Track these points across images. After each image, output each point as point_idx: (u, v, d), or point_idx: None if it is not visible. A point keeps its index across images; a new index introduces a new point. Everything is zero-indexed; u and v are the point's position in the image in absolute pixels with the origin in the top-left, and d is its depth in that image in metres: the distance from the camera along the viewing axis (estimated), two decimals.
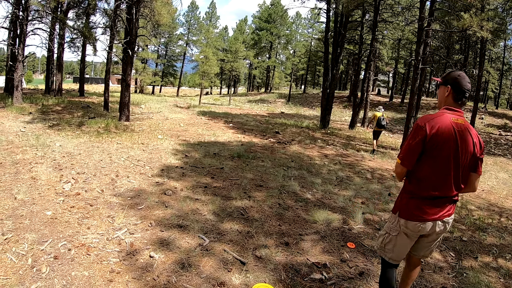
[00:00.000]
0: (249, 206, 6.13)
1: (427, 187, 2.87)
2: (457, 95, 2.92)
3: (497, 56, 45.57)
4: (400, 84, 58.93)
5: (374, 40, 24.07)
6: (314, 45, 56.01)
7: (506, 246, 5.76)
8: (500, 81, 45.30)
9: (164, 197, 6.22)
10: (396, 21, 25.67)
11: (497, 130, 27.17)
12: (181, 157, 9.59)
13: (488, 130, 27.21)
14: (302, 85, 72.27)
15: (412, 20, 22.55)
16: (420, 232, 2.95)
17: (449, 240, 5.71)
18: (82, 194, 6.13)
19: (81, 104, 20.54)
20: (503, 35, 35.18)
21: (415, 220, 2.90)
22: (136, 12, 15.04)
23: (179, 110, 23.97)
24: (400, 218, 2.99)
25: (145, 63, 51.49)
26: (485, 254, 5.31)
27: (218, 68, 42.13)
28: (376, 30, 23.94)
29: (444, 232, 3.05)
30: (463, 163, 2.86)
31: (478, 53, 34.93)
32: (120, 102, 15.94)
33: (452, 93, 2.92)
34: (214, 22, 65.96)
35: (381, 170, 11.46)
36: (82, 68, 29.12)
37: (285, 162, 10.56)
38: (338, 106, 40.05)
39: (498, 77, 44.72)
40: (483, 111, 33.58)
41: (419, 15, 17.24)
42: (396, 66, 44.65)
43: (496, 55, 45.22)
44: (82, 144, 10.37)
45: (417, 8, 19.12)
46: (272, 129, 18.50)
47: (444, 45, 34.89)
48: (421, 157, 2.86)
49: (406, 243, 3.06)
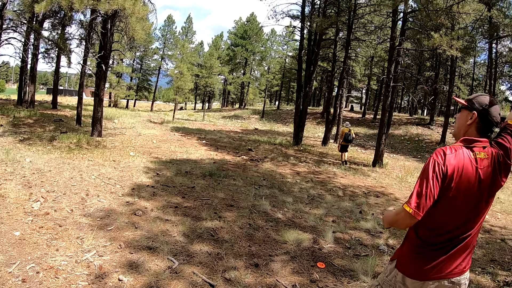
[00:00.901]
0: (219, 226, 6.18)
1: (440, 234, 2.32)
2: (484, 127, 2.33)
3: (467, 73, 47.21)
4: (373, 100, 59.94)
5: (347, 58, 24.56)
6: (289, 62, 56.70)
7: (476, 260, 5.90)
8: None
9: (134, 217, 6.23)
10: (369, 39, 26.27)
11: None
12: (152, 176, 9.58)
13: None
14: (276, 101, 72.76)
15: (384, 39, 23.15)
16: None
17: None
18: (51, 213, 6.08)
19: (54, 117, 20.25)
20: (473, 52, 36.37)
21: (416, 278, 2.36)
22: (111, 27, 15.02)
23: (153, 126, 23.87)
24: (398, 272, 2.44)
25: (119, 77, 51.11)
26: None
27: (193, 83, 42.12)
28: (349, 48, 24.45)
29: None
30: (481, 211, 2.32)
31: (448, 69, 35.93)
32: (92, 117, 15.82)
33: (478, 122, 2.34)
34: (190, 37, 66.02)
35: (353, 187, 11.62)
36: (56, 80, 28.67)
37: (257, 180, 10.64)
38: (312, 122, 40.44)
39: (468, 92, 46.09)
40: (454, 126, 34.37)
41: (391, 35, 17.70)
42: (369, 83, 45.59)
43: (466, 71, 46.82)
44: (53, 160, 10.24)
45: (389, 28, 19.63)
46: (245, 146, 18.60)
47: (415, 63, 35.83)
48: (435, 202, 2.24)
49: None
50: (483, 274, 5.37)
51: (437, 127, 33.66)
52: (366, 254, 5.68)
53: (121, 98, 54.10)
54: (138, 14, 13.55)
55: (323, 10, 22.71)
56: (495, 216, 9.82)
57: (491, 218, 9.53)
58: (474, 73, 46.67)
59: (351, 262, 5.26)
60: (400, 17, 18.24)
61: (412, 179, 14.84)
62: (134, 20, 14.57)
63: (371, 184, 12.75)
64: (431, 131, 32.62)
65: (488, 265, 5.79)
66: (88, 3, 12.03)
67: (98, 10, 13.52)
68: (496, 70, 36.93)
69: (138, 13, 13.45)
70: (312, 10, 22.97)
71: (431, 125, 34.62)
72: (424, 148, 27.26)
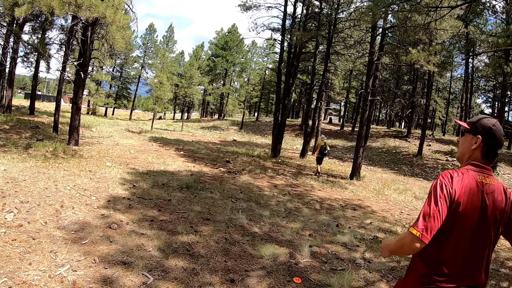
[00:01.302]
0: (195, 241, 6.14)
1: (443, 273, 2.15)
2: (489, 150, 2.27)
3: (443, 86, 48.50)
4: (351, 112, 60.65)
5: (327, 71, 24.85)
6: (269, 74, 57.00)
7: None
8: (446, 110, 48.10)
9: (109, 231, 6.14)
10: (348, 53, 26.68)
11: (444, 155, 28.40)
12: (128, 187, 9.48)
13: (436, 156, 28.38)
14: (255, 113, 72.97)
15: (363, 53, 23.51)
16: None
17: (396, 270, 5.78)
18: (24, 225, 5.94)
19: (31, 123, 19.94)
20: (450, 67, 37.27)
21: None
22: (91, 34, 14.88)
23: (131, 135, 23.70)
24: None
25: (98, 85, 50.65)
26: None
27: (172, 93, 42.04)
28: (329, 61, 24.76)
29: None
30: (492, 237, 2.19)
31: (425, 83, 36.79)
32: (70, 126, 15.60)
33: (483, 147, 2.27)
34: (171, 47, 65.86)
35: (330, 200, 11.71)
36: (34, 85, 28.27)
37: (234, 193, 10.63)
38: (290, 134, 40.64)
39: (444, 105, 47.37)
40: (431, 138, 35.04)
41: (369, 49, 18.00)
42: (347, 96, 46.20)
43: (442, 85, 48.14)
44: (28, 169, 10.04)
45: (368, 42, 19.93)
46: (223, 157, 18.58)
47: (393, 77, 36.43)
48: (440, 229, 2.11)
49: None
50: None
51: (414, 139, 34.21)
52: (343, 268, 5.71)
53: (99, 106, 53.62)
54: (119, 23, 13.48)
55: (303, 23, 22.97)
56: None
57: None
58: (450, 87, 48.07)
59: (328, 277, 5.28)
60: (379, 32, 18.56)
61: (389, 191, 15.05)
62: (114, 29, 14.50)
63: (349, 197, 12.86)
64: (408, 144, 33.10)
65: None
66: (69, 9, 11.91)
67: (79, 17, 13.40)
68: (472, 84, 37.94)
69: (119, 22, 13.38)
70: (293, 24, 23.21)
71: (408, 137, 35.17)
72: (401, 161, 27.62)
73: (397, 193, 15.06)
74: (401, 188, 16.35)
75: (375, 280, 5.48)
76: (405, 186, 17.00)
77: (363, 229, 8.54)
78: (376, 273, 5.70)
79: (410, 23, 15.42)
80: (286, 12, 22.53)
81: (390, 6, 12.93)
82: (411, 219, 10.49)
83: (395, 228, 8.88)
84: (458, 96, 51.61)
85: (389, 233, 8.39)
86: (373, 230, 8.47)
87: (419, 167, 25.26)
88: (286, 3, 22.46)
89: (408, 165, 25.78)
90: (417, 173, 23.54)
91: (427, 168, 24.83)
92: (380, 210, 11.27)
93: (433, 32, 16.43)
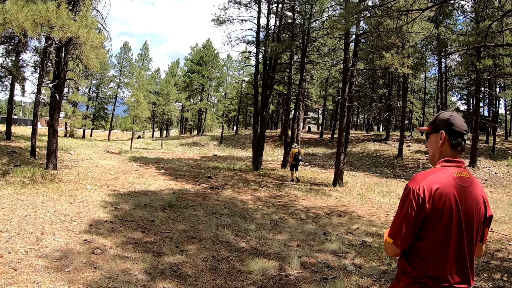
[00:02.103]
0: (182, 261, 6.02)
1: (433, 273, 2.15)
2: (455, 139, 2.31)
3: (418, 87, 49.57)
4: (329, 120, 61.08)
5: (303, 80, 25.04)
6: (245, 86, 57.22)
7: None
8: (423, 110, 49.18)
9: (93, 256, 5.97)
10: (323, 61, 26.89)
11: (424, 155, 28.77)
12: (110, 210, 9.29)
13: (416, 156, 28.72)
14: (234, 126, 73.05)
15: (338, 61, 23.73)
16: None
17: (387, 273, 5.83)
18: (5, 256, 5.73)
19: (7, 149, 19.55)
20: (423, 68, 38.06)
21: None
22: (65, 55, 14.71)
23: (110, 156, 23.42)
24: None
25: (75, 106, 49.99)
26: None
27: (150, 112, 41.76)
28: (304, 70, 24.92)
29: None
30: (475, 232, 2.22)
31: (401, 86, 37.35)
32: (47, 150, 15.31)
33: (449, 139, 2.32)
34: (146, 64, 65.59)
35: (315, 209, 11.71)
36: (9, 110, 27.78)
37: (218, 209, 10.52)
38: (270, 145, 40.73)
39: (421, 106, 48.34)
40: (410, 139, 35.47)
41: (344, 56, 18.16)
42: (324, 104, 46.49)
43: (417, 86, 49.25)
44: (6, 197, 9.77)
45: (342, 50, 20.10)
46: (205, 173, 18.45)
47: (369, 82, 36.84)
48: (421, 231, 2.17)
49: None
50: None
51: (393, 141, 34.59)
52: (334, 276, 5.69)
53: (77, 128, 52.93)
54: (92, 42, 13.34)
55: (277, 35, 23.09)
56: None
57: None
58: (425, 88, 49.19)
59: (320, 287, 5.24)
60: (352, 39, 18.75)
61: (373, 195, 15.15)
62: (88, 49, 14.31)
63: (333, 204, 12.87)
64: (388, 146, 33.46)
65: None
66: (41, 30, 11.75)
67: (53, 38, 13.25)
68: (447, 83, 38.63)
69: (93, 41, 13.24)
70: (267, 35, 23.34)
71: (387, 140, 35.55)
72: (382, 163, 27.84)
73: (381, 196, 15.13)
74: (385, 190, 16.43)
75: (368, 285, 5.47)
76: (389, 188, 17.09)
77: (351, 235, 8.53)
78: (368, 278, 5.69)
79: (383, 28, 15.64)
80: (259, 24, 22.64)
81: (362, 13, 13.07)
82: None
83: (382, 231, 8.90)
84: (433, 95, 52.75)
85: (376, 236, 8.40)
86: (361, 235, 8.48)
87: (400, 168, 25.50)
88: (259, 16, 22.59)
89: (390, 167, 26.00)
90: (399, 174, 23.73)
91: (408, 169, 25.08)
92: (366, 214, 11.29)
93: (405, 35, 16.66)
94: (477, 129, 24.80)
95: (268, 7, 22.99)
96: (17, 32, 11.23)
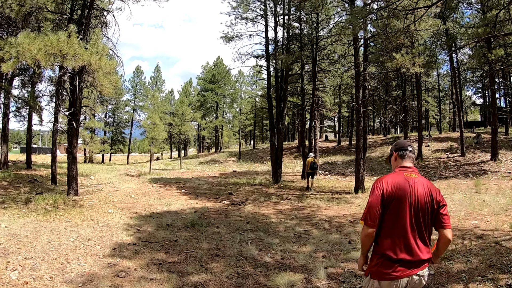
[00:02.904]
0: (207, 279, 5.96)
1: (392, 247, 2.93)
2: (401, 152, 3.32)
3: (432, 85, 48.89)
4: (346, 126, 60.74)
5: (316, 90, 24.97)
6: (259, 100, 57.38)
7: (474, 269, 5.85)
8: (439, 107, 48.46)
9: (118, 279, 5.94)
10: (334, 69, 26.80)
11: (444, 153, 28.29)
12: (133, 232, 9.30)
13: (436, 156, 28.25)
14: (251, 141, 73.15)
15: (349, 67, 23.63)
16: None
17: None
18: (30, 282, 5.74)
19: (28, 177, 19.77)
20: (435, 65, 37.61)
21: (388, 280, 2.93)
22: (79, 83, 14.89)
23: (130, 179, 23.57)
24: (373, 280, 3.02)
25: (92, 132, 50.64)
26: (455, 283, 5.37)
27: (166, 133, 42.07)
28: (316, 79, 24.88)
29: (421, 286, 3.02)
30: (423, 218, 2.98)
31: (414, 86, 36.88)
32: (68, 176, 15.44)
33: (398, 154, 3.33)
34: (159, 86, 66.23)
35: (339, 218, 11.58)
36: (28, 139, 28.22)
37: (241, 225, 10.47)
38: (289, 157, 40.61)
39: (436, 104, 47.68)
40: (428, 139, 35.00)
41: (354, 61, 18.08)
42: (339, 111, 46.30)
43: (431, 84, 48.63)
44: (29, 224, 9.86)
45: (352, 55, 20.04)
46: (225, 190, 18.44)
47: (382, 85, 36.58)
48: (383, 216, 2.99)
49: None
50: (484, 282, 5.35)
51: (412, 142, 34.02)
52: (362, 285, 5.56)
53: (96, 153, 53.51)
54: (104, 69, 13.50)
55: (286, 46, 23.14)
56: (484, 220, 9.92)
57: (481, 222, 9.63)
58: (439, 85, 48.40)
59: None
60: (361, 44, 18.68)
61: None
62: (101, 75, 14.50)
63: (356, 211, 12.71)
64: None
65: (487, 271, 5.80)
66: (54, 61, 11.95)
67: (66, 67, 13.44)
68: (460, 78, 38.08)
69: (105, 68, 13.40)
70: (276, 48, 23.39)
71: None
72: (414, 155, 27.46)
73: None
74: None
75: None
76: None
77: None
78: None
79: (390, 29, 15.58)
80: (268, 37, 22.75)
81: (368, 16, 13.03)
82: None
83: None
84: (448, 92, 52.04)
85: None
86: None
87: (421, 169, 25.10)
88: (267, 29, 22.70)
89: None
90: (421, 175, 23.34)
91: (429, 169, 24.67)
92: None
93: (413, 34, 16.60)
94: (495, 122, 24.16)
95: (275, 20, 23.10)
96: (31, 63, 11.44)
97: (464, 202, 13.11)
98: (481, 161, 24.17)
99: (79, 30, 13.63)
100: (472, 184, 17.51)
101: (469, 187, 17.08)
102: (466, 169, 22.77)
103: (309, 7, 21.57)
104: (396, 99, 38.98)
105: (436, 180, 20.57)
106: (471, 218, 10.46)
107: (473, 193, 15.30)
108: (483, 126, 45.48)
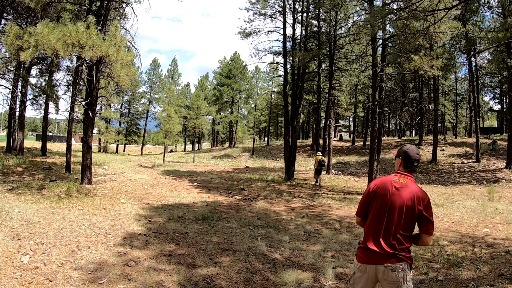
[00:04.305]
0: (215, 273, 5.99)
1: (368, 239, 3.36)
2: (407, 165, 3.50)
3: (450, 89, 48.28)
4: (361, 127, 60.31)
5: (332, 88, 24.91)
6: (275, 97, 57.23)
7: (483, 277, 5.81)
8: (455, 112, 47.76)
9: (127, 269, 6.01)
10: (351, 68, 26.72)
11: (459, 159, 28.07)
12: (144, 223, 9.37)
13: (451, 160, 28.03)
14: (265, 137, 73.10)
15: (366, 67, 23.50)
16: (364, 273, 3.32)
17: (424, 283, 5.76)
18: (41, 267, 5.83)
19: (43, 165, 20.03)
20: (453, 68, 37.09)
21: (358, 261, 3.39)
22: (96, 73, 15.00)
23: (143, 170, 23.72)
24: (357, 262, 3.43)
25: (108, 122, 51.05)
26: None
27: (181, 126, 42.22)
28: (333, 78, 24.82)
29: (397, 281, 3.17)
30: (399, 218, 3.23)
31: (431, 88, 36.54)
32: (82, 165, 15.58)
33: (403, 163, 3.51)
34: (176, 80, 66.57)
35: (349, 218, 11.51)
36: (44, 127, 28.63)
37: (252, 220, 10.48)
38: (302, 155, 40.46)
39: (453, 108, 47.04)
40: (443, 143, 34.69)
41: (372, 62, 17.98)
42: (355, 111, 45.96)
43: (448, 88, 48.03)
44: (42, 210, 9.95)
45: (369, 55, 19.91)
46: (237, 185, 18.46)
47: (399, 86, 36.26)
48: (368, 211, 3.46)
49: (361, 282, 3.36)
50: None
51: (426, 146, 33.89)
52: None
53: (110, 143, 53.94)
54: (122, 60, 13.56)
55: (304, 44, 23.05)
56: (496, 228, 9.84)
57: (492, 230, 9.55)
58: (456, 89, 47.71)
59: None
60: (379, 44, 18.56)
61: None
62: (118, 66, 14.57)
63: None
64: (421, 151, 32.71)
65: (496, 280, 5.77)
66: (72, 51, 12.05)
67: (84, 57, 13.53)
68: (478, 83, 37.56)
69: (122, 59, 13.46)
70: (294, 45, 23.32)
71: (420, 145, 34.84)
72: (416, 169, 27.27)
73: None
74: None
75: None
76: None
77: None
78: None
79: (409, 30, 15.43)
80: (285, 34, 22.65)
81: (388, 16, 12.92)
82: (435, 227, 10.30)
83: None
84: (465, 96, 51.35)
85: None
86: None
87: (435, 173, 24.89)
88: (285, 26, 22.62)
89: (424, 173, 25.40)
90: (434, 179, 23.12)
91: (443, 174, 24.45)
92: None
93: (432, 36, 16.40)
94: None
95: (293, 17, 23.01)
96: (49, 53, 11.53)
97: (477, 209, 12.98)
98: (496, 168, 23.90)
99: (97, 22, 13.72)
100: (485, 191, 17.32)
101: (482, 194, 16.90)
102: (480, 175, 22.54)
103: (328, 5, 21.49)
104: (413, 101, 38.62)
105: (450, 185, 20.38)
106: (482, 226, 10.37)
107: (486, 201, 15.14)
108: (500, 133, 44.96)
